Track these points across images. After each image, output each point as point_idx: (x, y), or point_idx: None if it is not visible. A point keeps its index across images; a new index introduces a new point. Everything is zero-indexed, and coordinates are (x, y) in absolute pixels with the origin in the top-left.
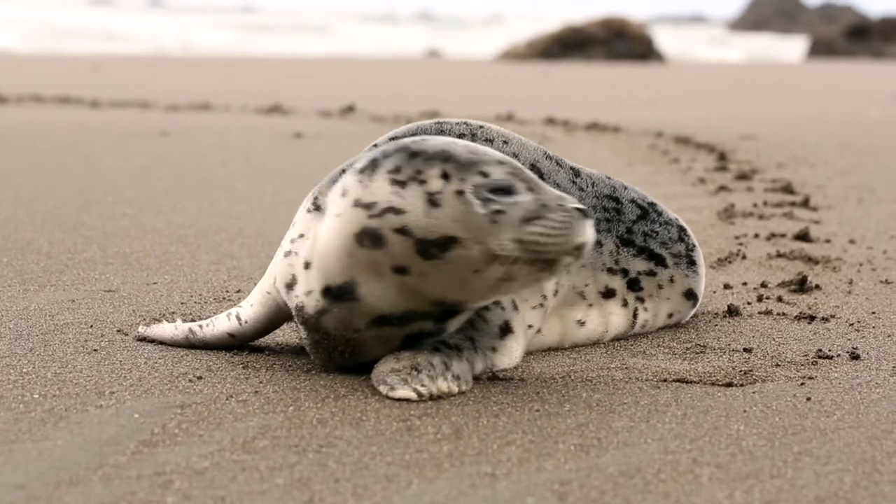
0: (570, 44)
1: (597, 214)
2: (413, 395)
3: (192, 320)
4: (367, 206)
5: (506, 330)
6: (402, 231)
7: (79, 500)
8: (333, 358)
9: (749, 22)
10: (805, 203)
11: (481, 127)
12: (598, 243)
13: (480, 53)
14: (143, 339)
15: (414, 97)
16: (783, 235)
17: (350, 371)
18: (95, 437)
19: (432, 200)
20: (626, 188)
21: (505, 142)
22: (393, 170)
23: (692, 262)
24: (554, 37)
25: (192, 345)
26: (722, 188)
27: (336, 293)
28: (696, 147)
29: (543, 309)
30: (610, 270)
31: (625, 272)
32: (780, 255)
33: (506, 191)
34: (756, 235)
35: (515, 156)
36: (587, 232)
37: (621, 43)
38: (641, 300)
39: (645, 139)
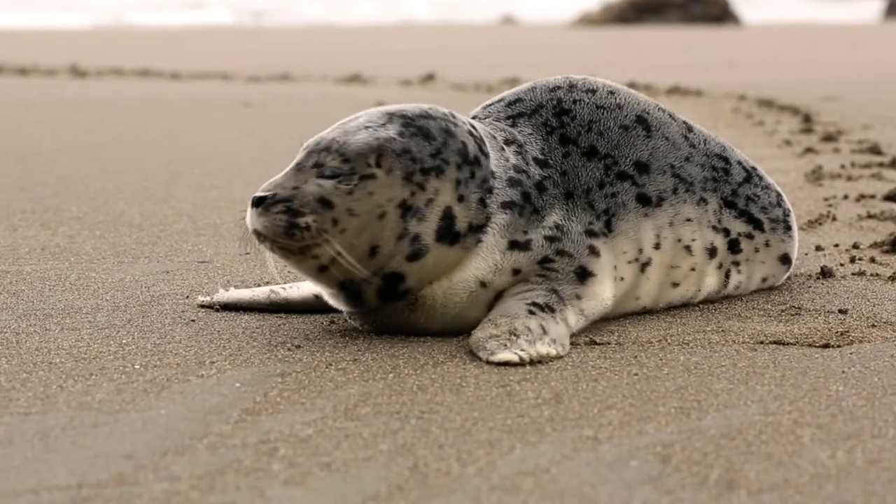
0: (645, 7)
1: (704, 173)
2: (514, 359)
3: (282, 289)
4: None
5: (583, 275)
6: None
7: (186, 469)
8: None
9: None
10: (893, 164)
11: (585, 79)
12: (703, 201)
13: (554, 19)
14: (224, 307)
15: (493, 64)
16: (872, 196)
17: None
18: (199, 406)
19: None
20: (733, 149)
21: (611, 92)
22: None
23: (788, 227)
24: (629, 1)
25: (273, 304)
26: (808, 150)
27: None
28: (780, 109)
29: (638, 263)
30: (714, 228)
31: (727, 232)
32: (870, 216)
33: None
34: (845, 197)
35: (619, 107)
36: (251, 220)
37: (697, 6)
38: (737, 263)
39: (728, 102)
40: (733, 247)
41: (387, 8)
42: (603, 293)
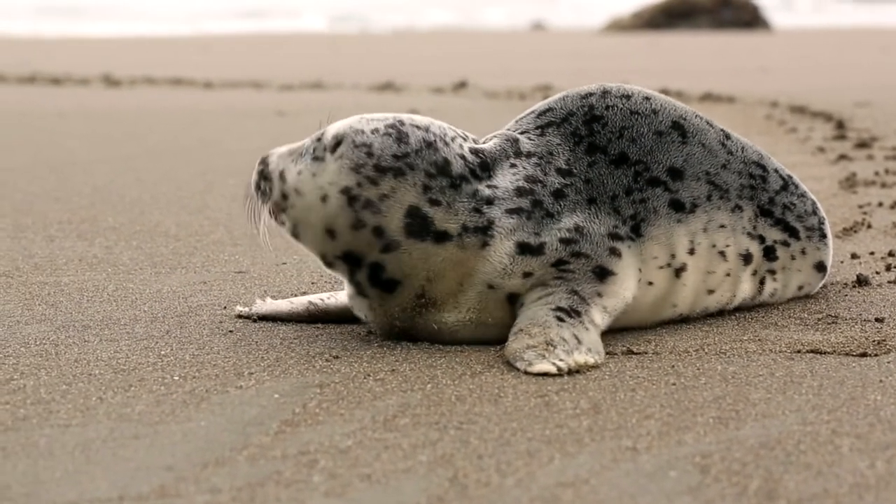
0: (676, 13)
1: (741, 180)
2: (552, 369)
3: (321, 299)
4: None
5: (603, 274)
6: None
7: (226, 481)
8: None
9: None
10: None
11: (619, 86)
12: (739, 208)
13: (584, 25)
14: (262, 318)
15: (525, 71)
16: None
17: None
18: (238, 417)
19: None
20: (770, 157)
21: (646, 97)
22: None
23: (823, 235)
24: (660, 7)
25: (311, 315)
26: (842, 157)
27: None
28: (813, 116)
29: (671, 269)
30: (749, 235)
31: (762, 239)
32: None
33: None
34: (880, 204)
35: (655, 112)
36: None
37: (727, 11)
38: (772, 272)
39: (760, 109)
40: (769, 254)
41: (465, 14)
42: (623, 292)
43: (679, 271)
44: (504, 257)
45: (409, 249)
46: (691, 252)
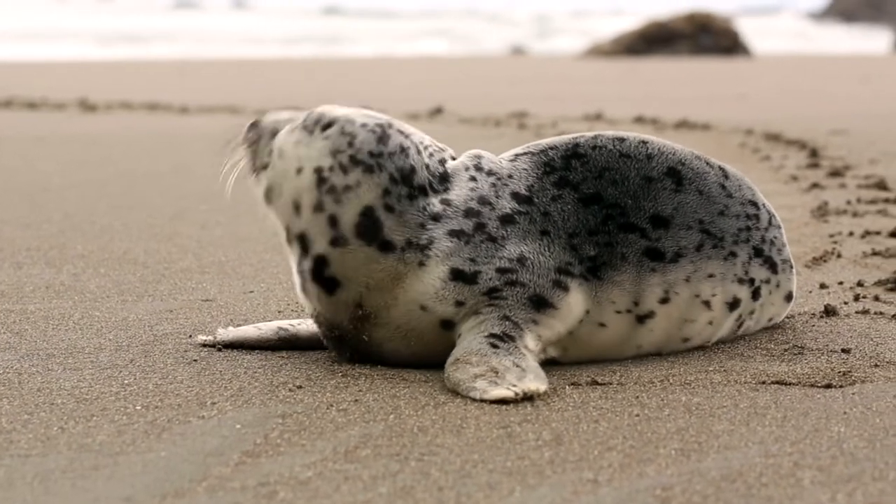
0: (655, 39)
1: (738, 223)
2: (510, 394)
3: (291, 325)
4: None
5: (540, 304)
6: None
7: None
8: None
9: (835, 13)
10: None
11: (618, 132)
12: (733, 255)
13: (564, 51)
14: (228, 345)
15: (501, 97)
16: (878, 233)
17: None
18: (199, 448)
19: None
20: (756, 190)
21: (643, 142)
22: None
23: (791, 265)
24: (639, 33)
25: (282, 340)
26: (814, 185)
27: None
28: (787, 144)
29: (632, 315)
30: (740, 281)
31: (752, 281)
32: (875, 254)
33: None
34: (850, 233)
35: (649, 157)
36: None
37: (707, 37)
38: (752, 312)
39: (735, 136)
40: (755, 295)
41: (399, 41)
42: (558, 326)
43: (644, 318)
44: (437, 281)
45: (355, 250)
46: (664, 301)
